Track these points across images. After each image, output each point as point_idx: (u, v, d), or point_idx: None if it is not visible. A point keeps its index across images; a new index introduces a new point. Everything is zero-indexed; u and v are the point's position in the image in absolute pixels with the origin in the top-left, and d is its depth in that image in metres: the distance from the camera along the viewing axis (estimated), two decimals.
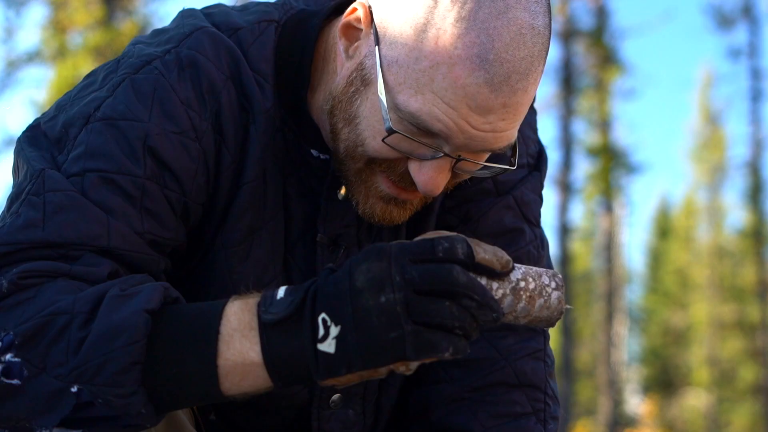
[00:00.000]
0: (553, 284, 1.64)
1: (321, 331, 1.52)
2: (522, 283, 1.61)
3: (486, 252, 1.57)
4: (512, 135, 1.74)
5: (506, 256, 1.60)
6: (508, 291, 1.60)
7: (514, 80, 1.66)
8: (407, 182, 1.78)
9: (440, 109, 1.66)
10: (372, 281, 1.51)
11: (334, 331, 1.52)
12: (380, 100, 1.70)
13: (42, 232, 1.66)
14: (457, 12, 1.64)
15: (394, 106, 1.69)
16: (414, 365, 1.54)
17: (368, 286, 1.51)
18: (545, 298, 1.63)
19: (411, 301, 1.50)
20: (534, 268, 1.64)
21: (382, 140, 1.72)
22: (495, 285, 1.59)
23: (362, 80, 1.75)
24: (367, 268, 1.52)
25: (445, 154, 1.72)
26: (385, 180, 1.80)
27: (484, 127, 1.68)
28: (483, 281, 1.57)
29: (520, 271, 1.62)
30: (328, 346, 1.52)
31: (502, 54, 1.64)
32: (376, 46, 1.71)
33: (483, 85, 1.64)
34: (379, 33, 1.72)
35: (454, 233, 1.58)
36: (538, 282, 1.63)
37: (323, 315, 1.52)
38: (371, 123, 1.74)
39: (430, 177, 1.74)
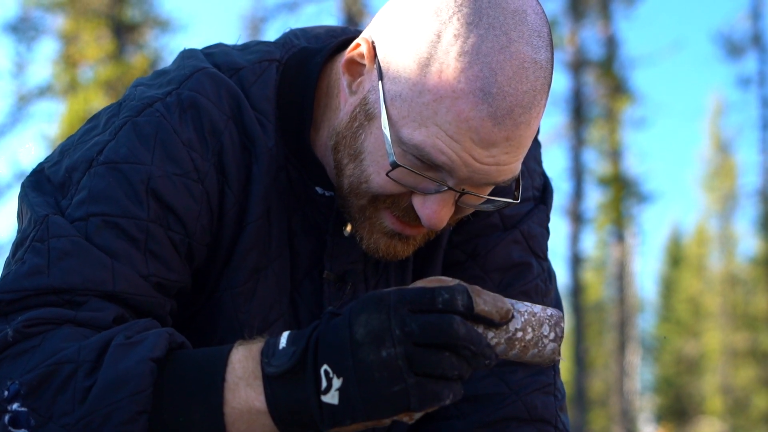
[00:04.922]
0: (552, 335, 1.62)
1: (324, 383, 1.52)
2: (519, 334, 1.59)
3: (486, 303, 1.55)
4: (516, 168, 1.73)
5: (507, 306, 1.58)
6: (502, 340, 1.58)
7: (517, 114, 1.65)
8: (411, 217, 1.78)
9: (444, 141, 1.66)
10: (371, 334, 1.50)
11: (337, 383, 1.51)
12: (384, 134, 1.70)
13: (47, 279, 1.66)
14: (460, 46, 1.64)
15: (398, 140, 1.69)
16: (417, 415, 1.53)
17: (368, 340, 1.50)
18: (539, 348, 1.61)
19: (411, 354, 1.49)
20: (538, 314, 1.62)
21: (386, 174, 1.72)
22: (491, 334, 1.57)
23: (366, 115, 1.75)
24: (366, 320, 1.51)
25: (449, 188, 1.72)
26: (389, 216, 1.80)
27: (487, 160, 1.68)
28: (480, 329, 1.56)
29: (521, 318, 1.60)
30: (332, 398, 1.52)
31: (505, 87, 1.64)
32: (380, 81, 1.72)
33: (486, 119, 1.64)
34: (382, 68, 1.72)
35: (456, 282, 1.56)
36: (537, 332, 1.61)
37: (325, 366, 1.52)
38: (375, 158, 1.74)
39: (434, 211, 1.73)
